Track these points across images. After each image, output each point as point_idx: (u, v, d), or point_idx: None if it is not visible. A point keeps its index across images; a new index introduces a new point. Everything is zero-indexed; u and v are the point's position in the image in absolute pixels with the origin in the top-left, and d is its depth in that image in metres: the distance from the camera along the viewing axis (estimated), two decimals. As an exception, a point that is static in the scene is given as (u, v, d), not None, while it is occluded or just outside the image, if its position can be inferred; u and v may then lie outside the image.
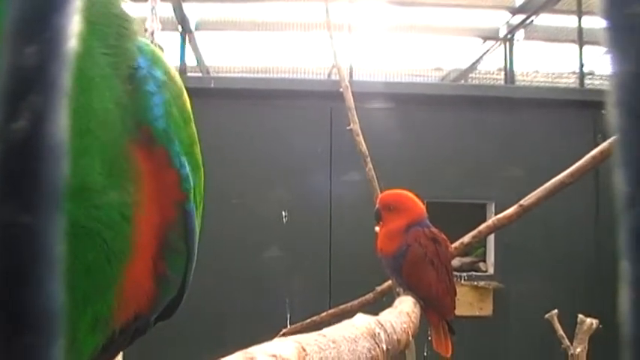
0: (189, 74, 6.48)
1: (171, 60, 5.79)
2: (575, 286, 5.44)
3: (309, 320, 3.82)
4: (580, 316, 3.68)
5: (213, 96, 5.39)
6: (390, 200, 2.83)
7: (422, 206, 2.88)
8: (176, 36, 6.37)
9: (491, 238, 5.47)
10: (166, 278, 0.86)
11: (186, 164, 0.81)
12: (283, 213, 5.45)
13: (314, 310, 4.07)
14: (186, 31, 6.51)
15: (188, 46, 6.64)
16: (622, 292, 0.21)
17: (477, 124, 5.71)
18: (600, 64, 6.63)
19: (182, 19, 6.40)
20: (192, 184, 0.82)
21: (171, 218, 0.83)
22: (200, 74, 7.22)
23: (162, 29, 6.42)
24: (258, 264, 5.38)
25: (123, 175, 0.74)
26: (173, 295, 0.92)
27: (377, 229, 2.88)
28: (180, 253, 0.87)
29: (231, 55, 7.68)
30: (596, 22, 5.02)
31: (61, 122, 0.23)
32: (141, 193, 0.76)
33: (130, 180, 0.75)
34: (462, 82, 7.96)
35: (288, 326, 4.27)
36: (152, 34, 6.14)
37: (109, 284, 0.75)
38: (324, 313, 3.79)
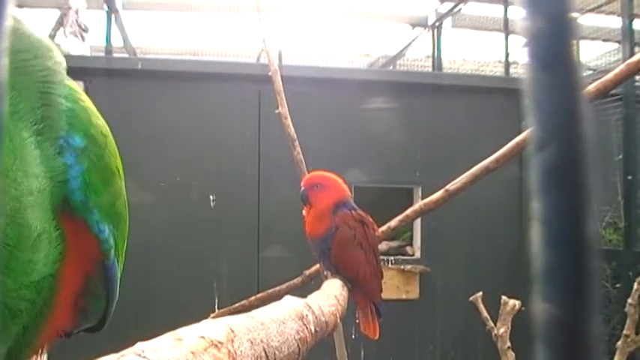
0: (115, 55, 6.35)
1: (97, 39, 5.61)
2: (498, 269, 5.59)
3: (237, 304, 3.81)
4: (503, 297, 3.79)
5: (140, 77, 5.30)
6: (315, 179, 2.85)
7: (345, 187, 2.91)
8: (102, 15, 6.23)
9: (417, 222, 5.56)
10: (87, 312, 0.97)
11: (106, 228, 0.87)
12: (211, 197, 5.42)
13: (242, 294, 4.06)
14: (112, 9, 6.36)
15: (114, 26, 6.50)
16: (533, 230, 0.22)
17: (405, 109, 5.79)
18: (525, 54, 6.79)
19: (108, -2, 6.26)
20: (111, 243, 0.89)
21: (92, 272, 0.91)
22: (126, 55, 7.09)
23: (88, 7, 6.29)
24: (186, 248, 5.33)
25: (49, 238, 0.79)
26: (95, 322, 1.04)
27: (304, 212, 2.89)
28: (100, 297, 0.97)
29: (158, 36, 7.56)
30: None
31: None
32: (64, 254, 0.82)
33: (55, 242, 0.80)
34: (391, 68, 8.05)
35: (216, 310, 4.26)
36: (77, 12, 6.00)
37: (38, 322, 0.84)
38: (252, 297, 3.80)
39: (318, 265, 3.43)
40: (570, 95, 0.21)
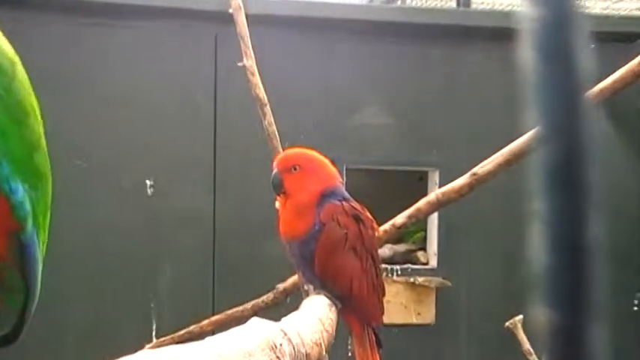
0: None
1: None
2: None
3: (184, 331, 3.86)
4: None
5: (45, 9, 5.16)
6: (293, 158, 2.87)
7: (334, 169, 2.94)
8: None
9: (433, 218, 5.58)
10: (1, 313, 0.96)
11: (20, 187, 0.85)
12: (148, 182, 5.41)
13: (192, 316, 4.08)
14: None
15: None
16: (533, 230, 0.29)
17: (419, 62, 5.76)
18: None
19: None
20: (28, 209, 0.87)
21: (3, 251, 0.90)
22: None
23: None
24: (111, 253, 5.30)
25: None
26: (7, 330, 1.04)
27: (277, 204, 2.90)
28: (15, 291, 0.96)
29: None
30: None
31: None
32: None
33: None
34: (399, 3, 8.06)
35: (154, 340, 4.30)
36: None
37: None
38: (205, 321, 3.84)
39: (295, 277, 3.50)
40: (573, 92, 0.28)
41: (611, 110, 5.36)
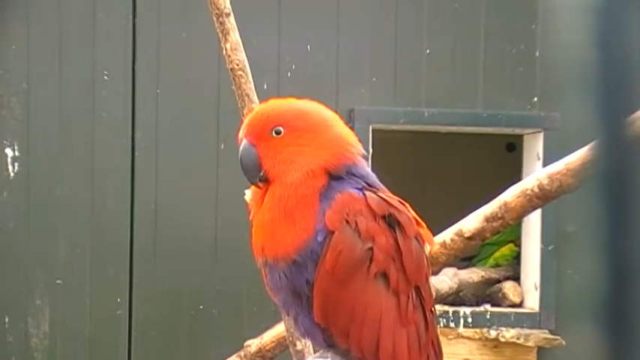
0: None
1: None
2: None
3: None
4: None
5: None
6: (274, 115, 2.06)
7: (347, 132, 2.13)
8: None
9: (533, 222, 4.22)
10: None
11: None
12: (9, 152, 4.74)
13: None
14: None
15: None
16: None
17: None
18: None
19: None
20: None
21: None
22: None
23: None
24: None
25: None
26: None
27: (248, 194, 2.21)
28: None
29: None
30: None
31: None
32: None
33: None
34: None
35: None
36: None
37: None
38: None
39: (281, 325, 2.78)
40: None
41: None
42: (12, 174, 4.76)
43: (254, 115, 2.07)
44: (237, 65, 2.72)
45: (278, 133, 1.95)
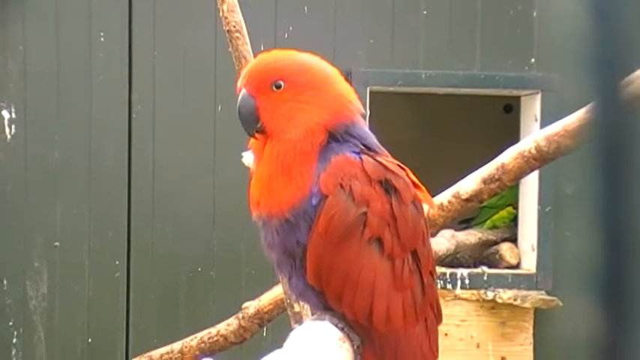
0: None
1: None
2: None
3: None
4: None
5: None
6: (275, 68, 2.01)
7: (350, 90, 2.07)
8: None
9: (531, 184, 4.24)
10: None
11: None
12: (5, 115, 4.82)
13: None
14: None
15: None
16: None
17: None
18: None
19: None
20: None
21: None
22: None
23: None
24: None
25: None
26: None
27: (247, 158, 2.26)
28: None
29: None
30: None
31: None
32: None
33: None
34: None
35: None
36: None
37: None
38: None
39: (278, 287, 2.70)
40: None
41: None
42: (9, 136, 4.80)
43: (255, 66, 2.04)
44: (234, 27, 2.69)
45: (278, 87, 1.91)
